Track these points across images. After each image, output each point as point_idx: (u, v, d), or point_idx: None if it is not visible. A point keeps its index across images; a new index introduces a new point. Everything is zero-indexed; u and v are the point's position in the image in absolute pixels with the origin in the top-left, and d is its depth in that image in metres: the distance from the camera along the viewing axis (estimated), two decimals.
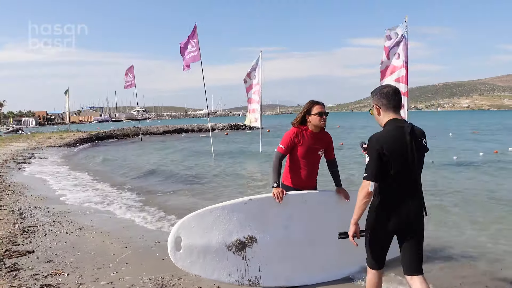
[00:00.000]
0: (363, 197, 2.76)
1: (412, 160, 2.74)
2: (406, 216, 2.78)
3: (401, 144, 2.73)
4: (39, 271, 4.43)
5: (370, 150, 2.75)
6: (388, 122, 2.84)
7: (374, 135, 2.79)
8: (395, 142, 2.73)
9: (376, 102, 2.91)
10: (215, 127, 38.30)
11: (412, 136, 2.76)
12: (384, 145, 2.70)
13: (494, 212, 7.01)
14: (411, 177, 2.77)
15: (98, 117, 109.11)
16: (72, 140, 26.61)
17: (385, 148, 2.70)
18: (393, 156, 2.71)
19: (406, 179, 2.77)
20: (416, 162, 2.76)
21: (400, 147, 2.73)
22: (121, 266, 4.60)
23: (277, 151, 4.02)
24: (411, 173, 2.76)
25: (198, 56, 16.71)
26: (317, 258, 4.09)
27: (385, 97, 2.86)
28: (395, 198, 2.78)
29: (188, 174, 12.43)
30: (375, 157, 2.71)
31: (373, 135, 2.80)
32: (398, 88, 2.78)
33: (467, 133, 30.50)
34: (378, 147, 2.71)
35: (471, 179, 10.39)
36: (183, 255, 3.68)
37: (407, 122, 2.83)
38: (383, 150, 2.70)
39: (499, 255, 4.95)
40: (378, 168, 2.71)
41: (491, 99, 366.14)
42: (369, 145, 2.79)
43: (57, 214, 7.11)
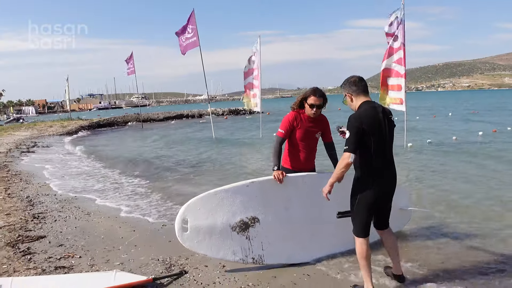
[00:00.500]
0: (343, 167, 3.20)
1: (385, 135, 3.27)
2: (385, 185, 3.34)
3: (377, 121, 3.22)
4: (52, 254, 4.65)
5: (351, 127, 3.16)
6: (361, 104, 3.31)
7: (353, 115, 3.24)
8: (372, 119, 3.20)
9: (348, 91, 3.38)
10: (215, 112, 38.35)
11: (384, 114, 3.27)
12: (363, 122, 3.16)
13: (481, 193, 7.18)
14: (386, 151, 3.29)
15: (98, 105, 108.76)
16: (73, 128, 26.75)
17: (364, 124, 3.15)
18: (371, 131, 3.17)
19: (383, 153, 3.27)
20: (388, 136, 3.29)
21: (376, 123, 3.21)
22: (130, 248, 4.81)
23: (277, 135, 4.19)
24: (386, 146, 3.29)
25: (197, 42, 16.74)
26: (317, 236, 4.29)
27: (354, 84, 3.35)
28: (376, 170, 3.27)
29: (191, 160, 12.61)
30: (355, 132, 3.15)
31: (352, 115, 3.24)
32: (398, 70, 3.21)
33: (466, 113, 30.56)
34: (357, 124, 3.15)
35: (465, 161, 10.54)
36: (190, 235, 3.87)
37: (377, 103, 3.33)
38: (362, 125, 3.15)
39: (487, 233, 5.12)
40: (357, 143, 3.15)
41: (491, 78, 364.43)
42: (349, 123, 3.19)
43: (65, 201, 7.32)
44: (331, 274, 3.93)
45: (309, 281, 3.79)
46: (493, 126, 18.11)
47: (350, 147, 3.15)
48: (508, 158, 10.30)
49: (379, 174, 3.28)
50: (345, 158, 3.16)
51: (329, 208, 4.26)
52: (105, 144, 18.67)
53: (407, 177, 8.45)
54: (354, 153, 3.16)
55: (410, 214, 5.02)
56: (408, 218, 5.02)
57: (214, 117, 31.18)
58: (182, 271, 4.04)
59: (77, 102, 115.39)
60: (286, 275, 3.90)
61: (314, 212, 4.24)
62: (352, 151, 3.15)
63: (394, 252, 3.60)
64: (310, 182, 4.20)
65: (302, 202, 4.20)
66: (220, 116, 38.12)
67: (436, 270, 3.95)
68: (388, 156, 3.33)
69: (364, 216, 3.35)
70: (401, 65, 12.14)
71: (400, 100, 12.38)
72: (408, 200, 5.00)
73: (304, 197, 4.19)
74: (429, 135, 16.18)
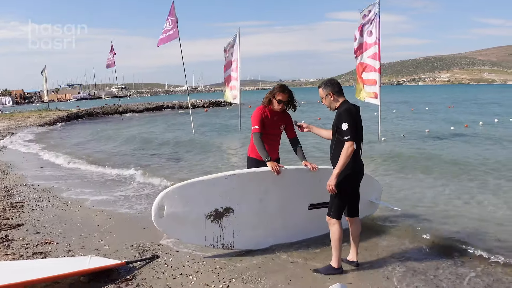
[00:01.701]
0: (349, 154, 3.58)
1: (361, 128, 3.76)
2: (361, 173, 3.82)
3: (358, 116, 3.73)
4: (29, 241, 4.82)
5: (347, 119, 3.59)
6: (343, 102, 3.80)
7: (345, 109, 3.68)
8: (356, 114, 3.69)
9: (331, 91, 3.80)
10: (195, 103, 38.32)
11: (359, 110, 3.78)
12: (353, 115, 3.64)
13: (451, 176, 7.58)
14: (361, 142, 3.78)
15: (77, 95, 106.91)
16: (51, 119, 26.46)
17: (354, 118, 3.63)
18: (357, 124, 3.65)
19: (360, 143, 3.76)
20: (362, 129, 3.79)
21: (357, 117, 3.71)
22: (105, 235, 5.02)
23: (254, 132, 4.42)
24: (361, 138, 3.78)
25: (176, 34, 16.74)
26: (287, 226, 4.55)
27: (337, 86, 3.83)
28: (357, 159, 3.73)
29: (169, 151, 12.76)
30: (353, 123, 3.59)
31: (344, 109, 3.68)
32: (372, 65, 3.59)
33: (443, 108, 31.33)
34: (352, 116, 3.62)
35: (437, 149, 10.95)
36: (165, 221, 4.08)
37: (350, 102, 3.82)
38: (354, 118, 3.62)
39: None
40: (355, 132, 3.59)
41: (471, 73, 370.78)
42: (344, 116, 3.62)
43: (43, 191, 7.44)
44: (294, 259, 4.21)
45: (273, 264, 4.06)
46: (466, 122, 18.70)
47: (351, 136, 3.56)
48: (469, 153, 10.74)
49: (359, 162, 3.78)
50: (349, 147, 3.56)
51: (302, 200, 4.55)
52: (82, 136, 18.61)
53: (376, 170, 8.78)
54: (354, 141, 3.58)
55: (377, 207, 5.29)
56: (373, 210, 5.29)
57: (194, 109, 31.21)
58: (154, 255, 4.27)
59: (56, 93, 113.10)
60: (251, 259, 4.17)
61: (286, 203, 4.50)
62: (353, 140, 3.57)
63: (357, 240, 3.97)
64: (286, 175, 4.40)
65: (277, 194, 4.43)
66: (201, 108, 38.11)
67: (390, 256, 4.27)
68: (361, 147, 3.82)
69: (344, 200, 3.75)
70: (375, 60, 12.48)
71: (375, 94, 12.74)
72: (380, 193, 5.25)
73: (278, 190, 4.42)
74: (404, 128, 16.67)
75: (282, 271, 3.88)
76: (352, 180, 3.75)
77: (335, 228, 3.76)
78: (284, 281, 3.67)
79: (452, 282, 3.66)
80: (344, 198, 3.76)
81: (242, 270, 3.92)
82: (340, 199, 3.75)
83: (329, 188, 3.68)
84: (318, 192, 4.44)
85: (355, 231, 3.95)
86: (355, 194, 3.88)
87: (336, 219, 3.76)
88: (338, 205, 3.76)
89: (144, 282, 3.65)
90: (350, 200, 3.85)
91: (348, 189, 3.74)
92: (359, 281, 3.70)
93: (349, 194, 3.78)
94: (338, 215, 3.77)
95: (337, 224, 3.75)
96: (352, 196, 3.84)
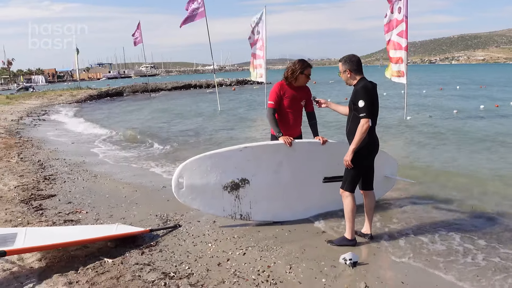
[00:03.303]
0: (365, 131, 3.66)
1: (377, 105, 3.81)
2: (376, 148, 3.91)
3: (375, 93, 3.78)
4: (62, 210, 5.14)
5: (364, 96, 3.65)
6: (360, 79, 3.83)
7: (362, 87, 3.72)
8: (373, 91, 3.75)
9: (349, 67, 3.84)
10: (222, 82, 38.54)
11: (376, 88, 3.82)
12: (370, 93, 3.69)
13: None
14: (376, 118, 3.83)
15: (107, 74, 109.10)
16: (82, 97, 27.29)
17: (371, 95, 3.69)
18: (375, 101, 3.73)
19: (376, 120, 3.84)
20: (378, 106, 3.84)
21: (375, 95, 3.77)
22: (132, 206, 5.29)
23: (268, 107, 4.55)
24: (377, 114, 3.84)
25: (203, 13, 16.84)
26: (303, 199, 4.69)
27: (356, 64, 3.85)
28: (373, 135, 3.84)
29: (193, 129, 13.03)
30: (370, 101, 3.65)
31: (360, 87, 3.73)
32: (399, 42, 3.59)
33: (475, 87, 30.39)
34: (369, 94, 3.67)
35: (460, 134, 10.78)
36: (185, 192, 4.30)
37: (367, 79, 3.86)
38: (372, 96, 3.68)
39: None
40: (371, 109, 3.66)
41: (508, 52, 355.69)
42: (361, 94, 3.68)
43: (74, 165, 7.81)
44: (310, 230, 4.36)
45: (289, 235, 4.22)
46: (496, 101, 18.17)
47: (367, 113, 3.64)
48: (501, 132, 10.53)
49: (375, 138, 3.86)
50: (365, 124, 3.64)
51: (316, 173, 4.67)
52: (111, 113, 19.12)
53: (399, 148, 8.78)
54: (370, 118, 3.65)
55: (394, 182, 5.37)
56: (391, 186, 5.37)
57: (222, 88, 31.43)
58: (177, 224, 4.51)
59: (87, 71, 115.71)
60: (269, 230, 4.34)
61: (301, 176, 4.63)
62: (369, 117, 3.64)
63: (371, 213, 4.09)
64: (300, 149, 4.55)
65: (291, 167, 4.57)
66: (228, 86, 38.30)
67: (407, 230, 4.35)
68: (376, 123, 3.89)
69: (358, 174, 3.86)
70: (402, 38, 12.26)
71: (401, 72, 12.56)
72: (395, 169, 5.32)
73: (293, 162, 4.56)
74: (432, 108, 16.37)
75: (297, 241, 4.03)
76: (367, 154, 3.83)
77: (348, 201, 3.87)
78: (298, 250, 3.83)
79: (465, 254, 3.72)
80: (358, 172, 3.86)
81: (259, 239, 4.10)
82: (354, 173, 3.84)
83: (346, 163, 3.79)
84: (333, 166, 4.56)
85: (369, 204, 4.05)
86: (370, 168, 3.97)
87: (350, 192, 3.87)
88: (352, 178, 3.86)
89: (166, 248, 3.88)
90: (365, 174, 3.94)
91: (362, 163, 3.83)
92: (372, 253, 3.81)
93: (363, 168, 3.88)
94: (351, 188, 3.87)
95: (350, 197, 3.86)
96: (366, 170, 3.93)
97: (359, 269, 3.44)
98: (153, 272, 3.36)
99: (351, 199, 3.87)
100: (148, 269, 3.42)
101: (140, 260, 3.60)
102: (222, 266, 3.51)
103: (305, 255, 3.73)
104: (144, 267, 3.45)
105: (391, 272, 3.45)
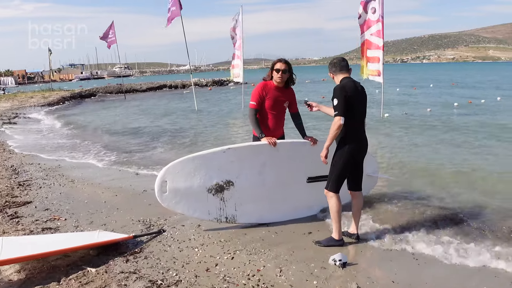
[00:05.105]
0: (337, 129, 3.67)
1: (363, 104, 3.84)
2: (362, 148, 3.89)
3: (356, 91, 3.78)
4: (39, 217, 4.95)
5: (338, 95, 3.68)
6: (342, 79, 3.86)
7: (338, 85, 3.78)
8: (353, 89, 3.75)
9: (330, 71, 3.98)
10: (198, 82, 38.21)
11: (359, 86, 3.84)
12: (348, 91, 3.69)
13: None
14: (363, 117, 3.87)
15: (80, 75, 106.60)
16: (55, 99, 26.51)
17: (348, 93, 3.69)
18: (353, 99, 3.71)
19: (361, 119, 3.85)
20: (364, 105, 3.87)
21: (356, 93, 3.77)
22: (112, 211, 5.14)
23: (250, 107, 4.49)
24: (363, 114, 3.88)
25: (177, 12, 16.64)
26: (287, 199, 4.65)
27: (333, 66, 3.93)
28: (358, 134, 3.82)
29: (172, 130, 12.84)
30: (343, 99, 3.66)
31: (337, 85, 3.79)
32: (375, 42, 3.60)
33: (446, 85, 31.12)
34: (344, 93, 3.68)
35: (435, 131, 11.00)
36: (169, 196, 4.19)
37: (353, 79, 3.88)
38: (347, 93, 3.68)
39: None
40: (345, 107, 3.65)
41: (476, 51, 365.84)
42: (336, 92, 3.70)
43: (49, 169, 7.56)
44: (296, 231, 4.32)
45: (276, 237, 4.18)
46: (469, 98, 18.67)
47: (340, 111, 3.65)
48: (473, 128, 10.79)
49: (360, 137, 3.85)
50: (337, 121, 3.65)
51: (300, 174, 4.64)
52: (85, 115, 18.69)
53: (378, 145, 8.87)
54: (344, 116, 3.64)
55: (376, 181, 5.40)
56: (374, 184, 5.39)
57: (198, 88, 31.19)
58: (161, 229, 4.40)
59: (58, 73, 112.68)
60: (255, 233, 4.28)
61: (285, 177, 4.59)
62: (342, 115, 3.64)
63: (358, 214, 4.08)
64: (283, 149, 4.51)
65: (274, 168, 4.53)
66: (204, 87, 38.00)
67: (392, 228, 4.36)
68: (363, 123, 3.90)
69: (342, 173, 3.85)
70: (379, 37, 12.40)
71: (378, 72, 12.72)
72: (376, 167, 5.35)
73: (277, 163, 4.51)
74: (407, 106, 16.66)
75: (284, 244, 3.99)
76: (352, 155, 3.80)
77: (333, 201, 3.85)
78: (287, 252, 3.78)
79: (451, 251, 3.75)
80: (342, 172, 3.84)
81: (246, 242, 4.04)
82: (339, 173, 3.83)
83: (321, 159, 3.83)
84: (317, 166, 4.52)
85: (357, 204, 4.04)
86: (357, 169, 3.95)
87: (334, 192, 3.85)
88: (336, 178, 3.84)
89: (151, 255, 3.77)
90: (352, 175, 3.93)
91: (347, 163, 3.80)
92: (360, 253, 3.81)
93: (348, 168, 3.85)
94: (336, 189, 3.85)
95: (335, 197, 3.84)
96: (353, 170, 3.91)
97: (349, 269, 3.42)
98: (140, 281, 3.26)
99: (336, 199, 3.86)
100: (134, 278, 3.31)
101: (125, 268, 3.49)
102: (210, 271, 3.43)
103: (294, 257, 3.69)
104: (130, 276, 3.34)
105: (381, 272, 3.45)
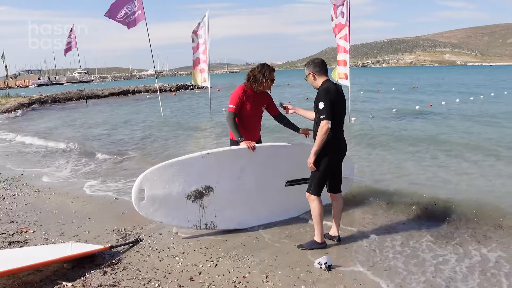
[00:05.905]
0: (324, 133, 3.64)
1: (343, 107, 3.85)
2: (342, 151, 3.90)
3: (339, 95, 3.77)
4: (4, 230, 4.66)
5: (324, 98, 3.65)
6: (323, 82, 3.83)
7: (322, 89, 3.74)
8: (336, 93, 3.72)
9: (312, 70, 3.88)
10: (162, 87, 37.60)
11: (340, 89, 3.83)
12: (332, 95, 3.67)
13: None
14: (343, 120, 3.86)
15: (37, 81, 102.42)
16: (12, 106, 25.34)
17: (333, 97, 3.67)
18: (337, 103, 3.71)
19: (342, 122, 3.84)
20: (344, 108, 3.89)
21: (338, 97, 3.75)
22: (84, 221, 4.92)
23: (229, 111, 4.40)
24: (343, 117, 3.87)
25: (142, 15, 16.30)
26: (266, 203, 4.61)
27: (318, 66, 3.87)
28: (339, 137, 3.82)
29: (140, 136, 12.52)
30: (328, 103, 3.64)
31: (321, 89, 3.76)
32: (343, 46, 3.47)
33: (408, 89, 32.07)
34: (330, 96, 3.66)
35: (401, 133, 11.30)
36: (146, 204, 4.05)
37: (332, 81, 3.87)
38: (332, 98, 3.66)
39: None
40: (331, 111, 3.63)
41: (433, 55, 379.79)
42: (322, 96, 3.69)
43: (12, 179, 7.18)
44: (277, 237, 4.27)
45: (257, 242, 4.12)
46: (429, 101, 19.29)
47: (326, 115, 3.62)
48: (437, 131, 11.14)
49: (340, 141, 3.84)
50: (325, 125, 3.62)
51: (279, 177, 4.60)
52: (46, 123, 17.99)
53: (350, 149, 8.97)
54: (330, 119, 3.62)
55: (351, 182, 5.43)
56: (349, 185, 5.43)
57: (163, 93, 30.69)
58: (138, 239, 4.24)
59: (14, 79, 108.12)
60: (236, 238, 4.20)
61: (264, 181, 4.54)
62: (329, 118, 3.62)
63: (339, 216, 4.08)
64: (262, 153, 4.46)
65: (253, 172, 4.47)
66: (168, 92, 37.48)
67: (374, 229, 4.40)
68: (343, 125, 3.89)
69: (324, 176, 3.83)
70: (346, 41, 12.60)
71: (345, 75, 12.91)
72: (352, 169, 5.39)
73: (255, 167, 4.46)
74: (373, 109, 17.01)
75: (267, 248, 3.94)
76: (333, 157, 3.81)
77: (315, 204, 3.84)
78: (270, 257, 3.73)
79: (429, 251, 3.81)
80: (324, 175, 3.84)
81: (228, 249, 3.95)
82: (320, 176, 3.82)
83: (309, 165, 3.77)
84: (294, 169, 4.53)
85: (337, 207, 4.04)
86: (337, 171, 3.96)
87: (316, 196, 3.84)
88: (318, 182, 3.83)
89: (130, 265, 3.62)
90: (332, 177, 3.93)
91: (328, 166, 3.80)
92: (342, 255, 3.79)
93: (329, 171, 3.85)
94: (317, 192, 3.85)
95: (317, 200, 3.84)
96: (333, 173, 3.91)
97: (334, 272, 3.41)
98: None
99: (318, 202, 3.85)
100: None
101: (103, 281, 3.32)
102: (194, 280, 3.33)
103: (278, 262, 3.64)
104: None
105: (367, 273, 3.44)
